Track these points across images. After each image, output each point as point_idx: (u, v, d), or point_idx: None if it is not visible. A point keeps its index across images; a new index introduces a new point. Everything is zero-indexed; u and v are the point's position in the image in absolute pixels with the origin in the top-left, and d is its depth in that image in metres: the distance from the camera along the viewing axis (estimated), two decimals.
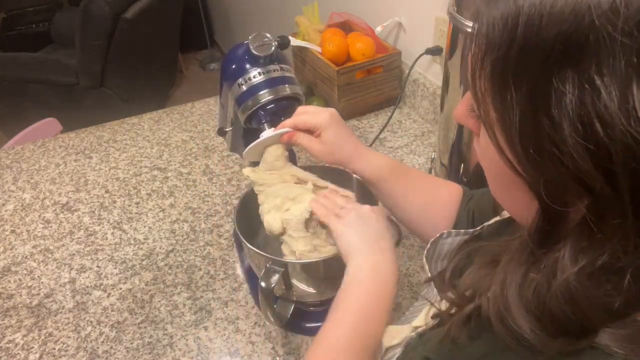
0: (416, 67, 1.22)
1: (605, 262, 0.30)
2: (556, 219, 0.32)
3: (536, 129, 0.29)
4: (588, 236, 0.30)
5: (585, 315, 0.31)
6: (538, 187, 0.31)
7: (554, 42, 0.27)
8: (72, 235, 1.02)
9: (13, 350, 0.81)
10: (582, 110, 0.27)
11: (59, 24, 3.09)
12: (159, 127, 1.35)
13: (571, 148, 0.28)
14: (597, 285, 0.30)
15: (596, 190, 0.28)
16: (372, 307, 0.54)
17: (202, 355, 0.78)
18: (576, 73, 0.27)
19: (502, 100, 0.31)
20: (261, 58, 0.76)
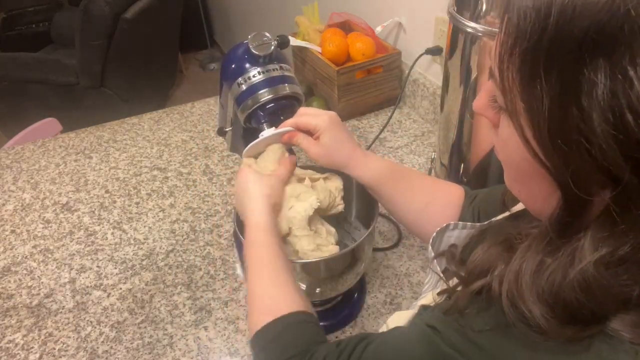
0: (416, 67, 1.22)
1: (626, 252, 0.30)
2: (579, 209, 0.32)
3: (565, 119, 0.29)
4: (610, 226, 0.31)
5: (599, 304, 0.32)
6: (563, 177, 0.31)
7: (587, 31, 0.27)
8: (72, 235, 1.02)
9: (13, 350, 0.81)
10: (614, 100, 0.27)
11: (59, 24, 3.09)
12: (159, 127, 1.35)
13: (600, 138, 0.28)
14: (615, 275, 0.31)
15: (623, 181, 0.28)
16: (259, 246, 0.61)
17: (202, 355, 0.78)
18: (609, 63, 0.27)
19: (531, 90, 0.31)
20: (261, 57, 0.76)
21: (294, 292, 0.57)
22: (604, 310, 0.32)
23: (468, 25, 0.78)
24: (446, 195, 0.70)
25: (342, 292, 0.77)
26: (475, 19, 0.77)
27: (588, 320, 0.32)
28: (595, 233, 0.31)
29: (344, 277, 0.73)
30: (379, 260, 0.91)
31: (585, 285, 0.31)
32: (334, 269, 0.72)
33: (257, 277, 0.59)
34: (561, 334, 0.32)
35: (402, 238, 0.95)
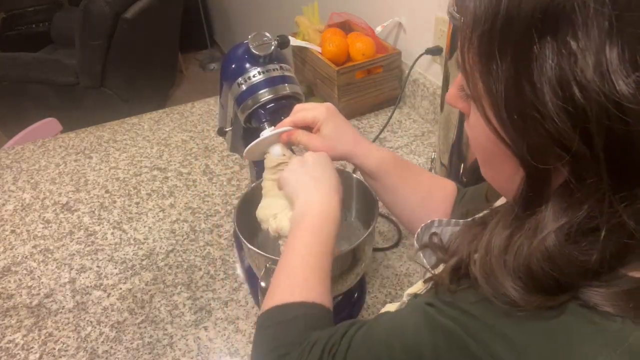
0: (416, 67, 1.22)
1: (583, 220, 0.32)
2: (540, 183, 0.34)
3: (520, 95, 0.32)
4: (568, 197, 0.33)
5: (562, 272, 0.33)
6: (522, 152, 0.33)
7: (533, 12, 0.30)
8: (72, 235, 1.02)
9: (13, 350, 0.81)
10: (561, 74, 0.30)
11: (59, 24, 3.09)
12: (159, 127, 1.35)
13: (551, 111, 0.30)
14: (575, 244, 0.33)
15: (574, 150, 0.30)
16: (315, 234, 0.58)
17: (202, 355, 0.78)
18: (555, 40, 0.30)
19: (488, 71, 0.33)
20: (261, 57, 0.76)
21: (326, 289, 0.56)
22: (568, 279, 0.34)
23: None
24: (442, 192, 0.70)
25: (342, 292, 0.77)
26: None
27: (554, 290, 0.34)
28: (555, 204, 0.34)
29: (344, 277, 0.73)
30: (379, 260, 0.91)
31: (548, 254, 0.33)
32: (334, 269, 0.71)
33: (300, 258, 0.57)
34: (530, 303, 0.34)
35: (402, 238, 0.95)
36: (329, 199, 0.61)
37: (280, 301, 0.53)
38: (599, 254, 0.33)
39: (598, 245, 0.32)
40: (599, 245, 0.32)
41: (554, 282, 0.34)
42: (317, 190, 0.62)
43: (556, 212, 0.33)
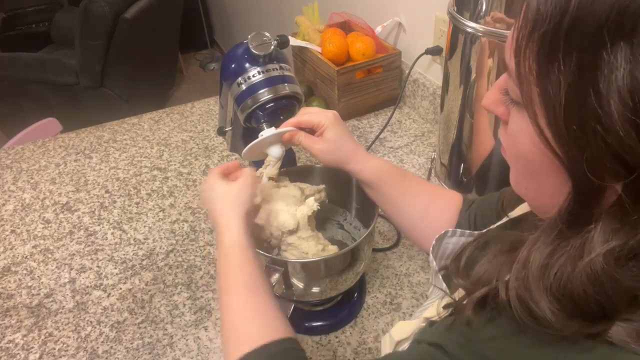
0: (416, 67, 1.22)
1: (636, 244, 0.30)
2: (590, 200, 0.32)
3: (582, 104, 0.29)
4: (621, 218, 0.30)
5: (608, 297, 0.31)
6: (577, 166, 0.31)
7: (609, 13, 0.27)
8: (72, 235, 1.02)
9: (13, 350, 0.81)
10: (633, 84, 0.27)
11: (59, 24, 3.09)
12: (159, 127, 1.35)
13: (617, 124, 0.27)
14: (625, 269, 0.30)
15: (637, 168, 0.28)
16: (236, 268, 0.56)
17: (202, 355, 0.78)
18: (630, 46, 0.27)
19: (547, 75, 0.30)
20: (260, 57, 0.76)
21: (275, 318, 0.53)
22: (613, 305, 0.31)
23: (468, 25, 0.78)
24: (445, 201, 0.69)
25: (342, 291, 0.77)
26: (475, 19, 0.77)
27: (596, 316, 0.32)
28: (605, 225, 0.31)
29: (343, 276, 0.73)
30: (379, 260, 0.91)
31: (594, 277, 0.31)
32: (334, 269, 0.72)
33: (234, 304, 0.54)
34: (567, 327, 0.32)
35: (402, 238, 0.95)
36: (225, 228, 0.59)
37: (238, 356, 0.49)
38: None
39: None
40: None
41: (597, 307, 0.31)
42: (217, 227, 0.60)
43: (607, 233, 0.31)
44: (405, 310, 0.82)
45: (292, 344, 0.51)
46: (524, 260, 0.35)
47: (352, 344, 0.78)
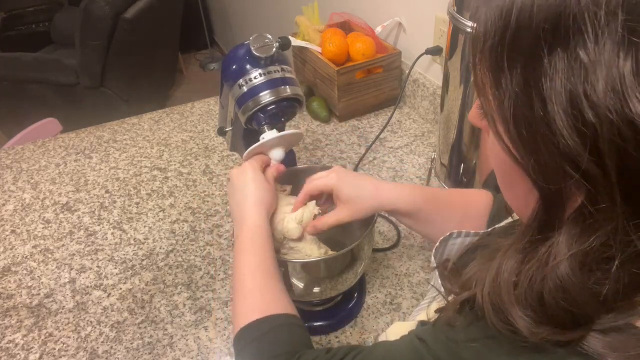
0: (416, 67, 1.22)
1: (597, 248, 0.30)
2: (553, 205, 0.32)
3: (529, 110, 0.30)
4: (582, 223, 0.31)
5: (574, 302, 0.32)
6: (532, 169, 0.32)
7: (544, 23, 0.28)
8: (72, 235, 1.02)
9: (13, 350, 0.81)
10: (571, 88, 0.28)
11: (59, 24, 3.09)
12: (159, 127, 1.35)
13: (560, 127, 0.28)
14: (588, 273, 0.31)
15: (583, 169, 0.29)
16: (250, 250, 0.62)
17: (202, 355, 0.78)
18: (565, 52, 0.28)
19: (498, 85, 0.32)
20: (262, 59, 0.76)
21: (285, 297, 0.59)
22: (582, 312, 0.32)
23: (468, 25, 0.78)
24: (476, 206, 0.69)
25: (341, 291, 0.77)
26: None
27: (566, 323, 0.32)
28: (568, 230, 0.32)
29: (343, 276, 0.73)
30: (379, 260, 0.91)
31: (560, 283, 0.32)
32: (334, 269, 0.72)
33: (250, 277, 0.60)
34: (536, 335, 0.32)
35: (402, 238, 0.95)
36: (252, 214, 0.65)
37: (247, 321, 0.55)
38: (613, 284, 0.31)
39: (610, 275, 0.31)
40: (613, 276, 0.31)
41: (565, 313, 0.32)
42: (241, 211, 0.66)
43: (569, 239, 0.32)
44: (405, 310, 0.82)
45: (297, 321, 0.57)
46: (497, 267, 0.36)
47: (352, 344, 0.78)
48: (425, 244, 0.93)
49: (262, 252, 0.62)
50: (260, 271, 0.60)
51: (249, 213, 0.65)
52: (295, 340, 0.54)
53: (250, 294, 0.58)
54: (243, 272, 0.60)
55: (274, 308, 0.56)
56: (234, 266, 0.63)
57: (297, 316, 0.57)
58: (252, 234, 0.63)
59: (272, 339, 0.54)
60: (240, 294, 0.59)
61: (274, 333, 0.54)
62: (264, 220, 0.65)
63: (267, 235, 0.64)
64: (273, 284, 0.59)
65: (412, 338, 0.42)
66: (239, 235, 0.64)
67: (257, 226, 0.64)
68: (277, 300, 0.58)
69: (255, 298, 0.58)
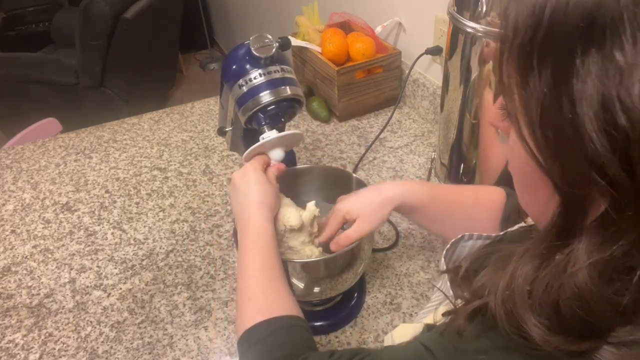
0: (416, 67, 1.22)
1: (618, 257, 0.29)
2: (575, 211, 0.31)
3: (557, 111, 0.29)
4: (605, 231, 0.30)
5: (591, 312, 0.31)
6: (556, 174, 0.31)
7: (579, 21, 0.27)
8: (72, 235, 1.02)
9: (13, 350, 0.81)
10: (604, 91, 0.27)
11: (59, 24, 3.09)
12: (159, 127, 1.35)
13: (590, 131, 0.27)
14: (607, 283, 0.30)
15: (611, 175, 0.28)
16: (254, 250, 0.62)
17: (202, 355, 0.78)
18: (599, 53, 0.27)
19: (525, 85, 0.31)
20: (262, 59, 0.76)
21: (289, 298, 0.59)
22: (597, 320, 0.31)
23: (468, 25, 0.78)
24: (487, 198, 0.69)
25: (341, 291, 0.77)
26: (475, 19, 0.77)
27: (580, 332, 0.32)
28: (590, 238, 0.31)
29: (343, 276, 0.73)
30: (378, 260, 0.91)
31: (578, 292, 0.31)
32: (334, 269, 0.72)
33: (254, 278, 0.60)
34: (549, 343, 0.32)
35: (401, 238, 0.95)
36: (256, 216, 0.65)
37: (251, 323, 0.55)
38: (633, 295, 0.30)
39: (630, 285, 0.30)
40: (633, 286, 0.30)
41: (581, 323, 0.31)
42: (244, 212, 0.66)
43: (590, 246, 0.30)
44: (405, 311, 0.82)
45: (301, 322, 0.57)
46: (511, 273, 0.35)
47: (352, 344, 0.78)
48: (425, 244, 0.93)
49: (266, 253, 0.62)
50: (264, 273, 0.60)
51: (253, 215, 0.65)
52: (298, 342, 0.54)
53: (254, 295, 0.58)
54: (247, 274, 0.60)
55: (277, 310, 0.56)
56: (238, 268, 0.62)
57: (301, 317, 0.57)
58: (256, 235, 0.63)
59: (275, 341, 0.54)
60: (244, 296, 0.59)
61: (276, 335, 0.54)
62: (268, 222, 0.65)
63: (271, 236, 0.64)
64: (277, 285, 0.59)
65: (418, 346, 0.41)
66: (243, 237, 0.64)
67: (261, 228, 0.64)
68: (281, 301, 0.58)
69: (258, 300, 0.58)
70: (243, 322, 0.56)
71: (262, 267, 0.61)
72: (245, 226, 0.65)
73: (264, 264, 0.61)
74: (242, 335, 0.55)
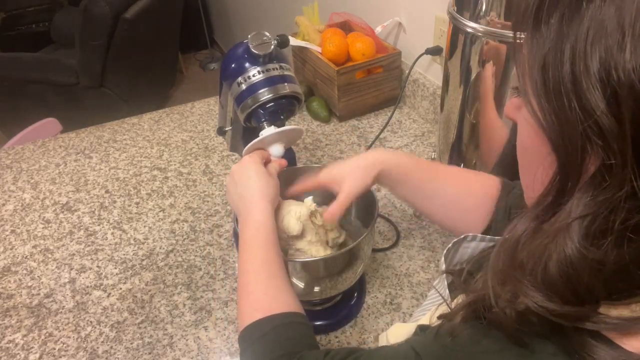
0: (416, 67, 1.22)
1: (604, 215, 0.30)
2: (571, 171, 0.32)
3: (558, 64, 0.30)
4: (593, 189, 0.30)
5: (577, 273, 0.31)
6: (557, 135, 0.31)
7: None
8: (72, 235, 1.02)
9: (13, 350, 0.81)
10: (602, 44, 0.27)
11: (59, 24, 3.09)
12: (159, 127, 1.35)
13: (587, 82, 0.28)
14: (592, 242, 0.31)
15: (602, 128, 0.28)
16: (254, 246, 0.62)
17: (202, 355, 0.78)
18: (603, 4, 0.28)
19: (535, 38, 0.31)
20: (260, 57, 0.76)
21: (289, 294, 0.59)
22: (582, 283, 0.31)
23: (468, 25, 0.78)
24: (479, 187, 0.66)
25: (341, 291, 0.77)
26: (475, 19, 0.77)
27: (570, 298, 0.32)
28: (580, 196, 0.31)
29: (343, 276, 0.73)
30: (379, 260, 0.91)
31: (563, 252, 0.31)
32: (334, 269, 0.72)
33: (254, 274, 0.59)
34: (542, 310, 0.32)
35: (401, 238, 0.95)
36: (256, 210, 0.64)
37: (250, 320, 0.55)
38: (617, 256, 0.30)
39: (613, 248, 0.30)
40: (618, 245, 0.30)
41: (569, 286, 0.32)
42: (244, 206, 0.66)
43: (579, 204, 0.31)
44: (405, 310, 0.82)
45: (300, 319, 0.56)
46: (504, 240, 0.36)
47: (352, 343, 0.78)
48: (425, 244, 0.93)
49: (267, 248, 0.61)
50: (265, 269, 0.60)
51: (253, 208, 0.65)
52: (298, 340, 0.54)
53: (254, 292, 0.58)
54: (247, 270, 0.60)
55: (277, 307, 0.56)
56: (239, 263, 0.62)
57: (300, 314, 0.57)
58: (256, 230, 0.63)
59: (274, 339, 0.54)
60: (245, 292, 0.59)
61: (275, 333, 0.54)
62: (269, 216, 0.64)
63: (272, 230, 0.63)
64: (277, 282, 0.59)
65: (408, 350, 0.41)
66: (243, 231, 0.64)
67: (262, 222, 0.63)
68: (281, 298, 0.57)
69: (257, 296, 0.58)
70: (243, 319, 0.56)
71: (262, 263, 0.60)
72: (246, 219, 0.65)
73: (264, 261, 0.60)
74: (242, 333, 0.56)
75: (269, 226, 0.63)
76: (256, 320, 0.55)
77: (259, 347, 0.53)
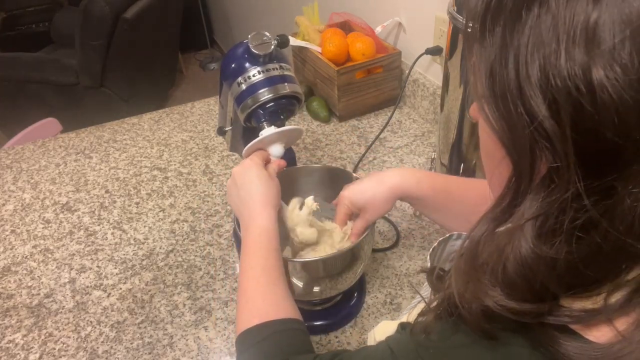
0: (416, 67, 1.22)
1: (555, 216, 0.31)
2: (523, 174, 0.33)
3: (504, 71, 0.31)
4: (544, 190, 0.31)
5: (531, 271, 0.32)
6: (506, 137, 0.32)
7: None
8: (72, 235, 1.02)
9: (13, 350, 0.81)
10: (542, 48, 0.29)
11: (59, 24, 3.09)
12: (159, 127, 1.35)
13: (529, 87, 0.29)
14: (546, 240, 0.31)
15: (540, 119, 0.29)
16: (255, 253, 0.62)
17: (202, 355, 0.78)
18: (542, 9, 0.29)
19: (483, 47, 0.32)
20: (260, 57, 0.76)
21: (287, 301, 0.59)
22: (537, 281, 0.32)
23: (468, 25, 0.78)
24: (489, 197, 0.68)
25: (341, 291, 0.77)
26: None
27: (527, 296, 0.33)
28: (532, 197, 0.32)
29: (343, 276, 0.73)
30: (379, 260, 0.91)
31: (518, 252, 0.32)
32: (334, 269, 0.72)
33: (253, 280, 0.60)
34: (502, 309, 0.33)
35: (401, 238, 0.95)
36: (259, 216, 0.65)
37: (247, 326, 0.56)
38: (567, 254, 0.31)
39: (563, 245, 0.31)
40: (568, 244, 0.31)
41: (525, 283, 0.32)
42: (247, 210, 0.66)
43: (531, 206, 0.32)
44: (405, 310, 0.82)
45: (298, 325, 0.57)
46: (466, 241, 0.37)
47: (352, 344, 0.78)
48: (425, 244, 0.93)
49: (268, 255, 0.62)
50: (265, 276, 0.60)
51: (256, 213, 0.65)
52: (292, 347, 0.55)
53: (252, 298, 0.59)
54: (247, 274, 0.61)
55: (274, 313, 0.56)
56: (240, 267, 0.63)
57: (298, 320, 0.57)
58: (259, 236, 0.63)
59: (269, 346, 0.54)
60: (244, 298, 0.59)
61: (271, 340, 0.54)
62: (272, 222, 0.65)
63: (274, 237, 0.64)
64: (276, 288, 0.60)
65: (385, 348, 0.42)
66: (246, 236, 0.64)
67: (264, 228, 0.64)
68: (279, 305, 0.58)
69: (256, 302, 0.58)
70: (240, 324, 0.57)
71: (263, 270, 0.61)
72: (248, 225, 0.65)
73: (265, 268, 0.61)
74: (239, 337, 0.56)
75: (271, 232, 0.64)
76: (253, 326, 0.55)
77: (254, 353, 0.54)
